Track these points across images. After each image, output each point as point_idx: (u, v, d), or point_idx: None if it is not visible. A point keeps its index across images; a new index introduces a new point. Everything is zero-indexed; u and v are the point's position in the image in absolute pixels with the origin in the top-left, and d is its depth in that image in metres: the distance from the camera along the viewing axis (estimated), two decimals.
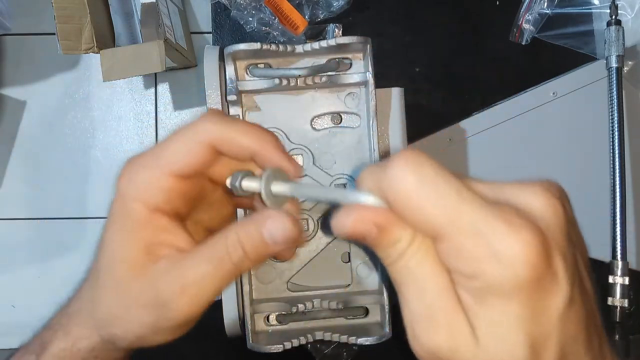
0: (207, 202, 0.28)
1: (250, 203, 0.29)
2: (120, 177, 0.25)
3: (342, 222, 0.20)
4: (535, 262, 0.17)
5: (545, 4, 0.60)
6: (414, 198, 0.18)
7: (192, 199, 0.27)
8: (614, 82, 0.56)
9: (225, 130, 0.25)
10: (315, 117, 0.47)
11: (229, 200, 0.29)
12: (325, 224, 0.47)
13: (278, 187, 0.25)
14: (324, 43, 0.43)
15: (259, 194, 0.25)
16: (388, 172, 0.19)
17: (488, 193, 0.19)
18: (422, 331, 0.19)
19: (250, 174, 0.26)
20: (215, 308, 0.26)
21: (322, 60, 0.45)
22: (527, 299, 0.18)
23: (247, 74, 0.45)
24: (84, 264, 0.29)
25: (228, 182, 0.26)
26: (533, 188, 0.20)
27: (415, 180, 0.18)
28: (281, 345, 0.42)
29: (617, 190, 0.54)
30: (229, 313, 0.44)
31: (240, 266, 0.24)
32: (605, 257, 0.56)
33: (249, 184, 0.25)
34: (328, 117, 0.47)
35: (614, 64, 0.56)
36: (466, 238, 0.18)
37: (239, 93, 0.45)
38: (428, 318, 0.19)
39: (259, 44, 0.42)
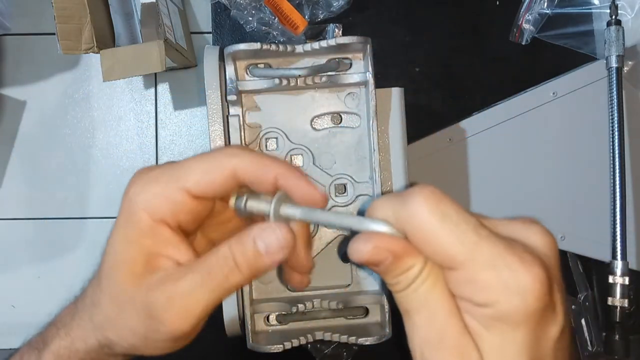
0: (217, 220, 0.28)
1: (262, 221, 0.29)
2: (130, 185, 0.25)
3: (360, 249, 0.21)
4: (542, 294, 0.19)
5: (545, 4, 0.60)
6: (436, 232, 0.20)
7: (202, 217, 0.27)
8: (614, 82, 0.56)
9: (253, 163, 0.25)
10: (315, 117, 0.47)
11: (242, 218, 0.29)
12: (340, 249, 0.47)
13: (288, 210, 0.25)
14: (324, 43, 0.43)
15: (266, 216, 0.25)
16: (409, 206, 0.20)
17: (498, 229, 0.21)
18: (432, 355, 0.20)
19: (255, 196, 0.26)
20: (215, 308, 0.26)
21: (322, 60, 0.45)
22: (533, 327, 0.19)
23: (247, 74, 0.45)
24: (84, 264, 0.29)
25: (232, 202, 0.26)
26: (535, 227, 0.21)
27: (438, 216, 0.20)
28: (281, 345, 0.42)
29: (617, 190, 0.54)
30: (229, 313, 0.44)
31: (231, 279, 0.24)
32: (605, 257, 0.56)
33: (254, 205, 0.25)
34: (328, 117, 0.47)
35: (614, 64, 0.56)
36: (483, 270, 0.19)
37: (239, 93, 0.45)
38: (439, 342, 0.20)
39: (259, 44, 0.42)
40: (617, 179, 0.54)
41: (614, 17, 0.56)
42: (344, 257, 0.46)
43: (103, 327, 0.26)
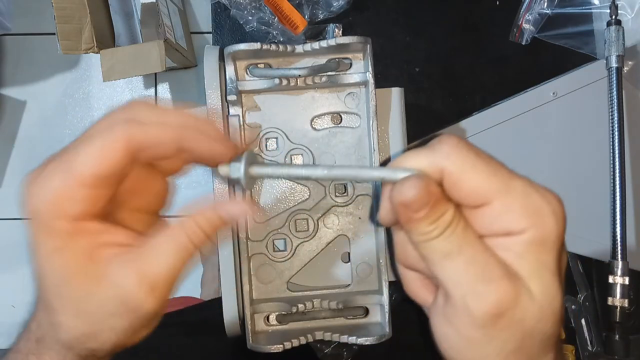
0: (139, 189, 0.26)
1: (177, 169, 0.28)
2: (26, 195, 0.23)
3: (407, 191, 0.21)
4: (565, 219, 0.22)
5: (545, 4, 0.60)
6: (475, 167, 0.21)
7: (117, 196, 0.25)
8: (614, 82, 0.56)
9: (141, 132, 0.23)
10: (315, 117, 0.47)
11: (157, 176, 0.27)
12: (372, 216, 0.46)
13: (319, 171, 0.25)
14: (324, 43, 0.43)
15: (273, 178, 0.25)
16: (444, 149, 0.22)
17: None
18: (484, 293, 0.21)
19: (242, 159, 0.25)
20: (215, 308, 0.26)
21: (322, 60, 0.45)
22: (560, 249, 0.22)
23: (247, 74, 0.45)
24: None
25: (226, 171, 0.25)
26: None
27: (473, 154, 0.22)
28: (281, 345, 0.42)
29: (617, 190, 0.54)
30: (229, 313, 0.44)
31: (200, 247, 0.24)
32: (605, 257, 0.56)
33: (260, 171, 0.25)
34: (328, 117, 0.47)
35: (614, 64, 0.56)
36: (520, 198, 0.21)
37: (239, 93, 0.45)
38: (485, 276, 0.21)
39: (259, 44, 0.42)
40: (617, 179, 0.54)
41: (614, 17, 0.56)
42: (377, 223, 0.45)
43: (79, 343, 0.25)
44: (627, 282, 0.53)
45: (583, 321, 0.58)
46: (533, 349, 0.22)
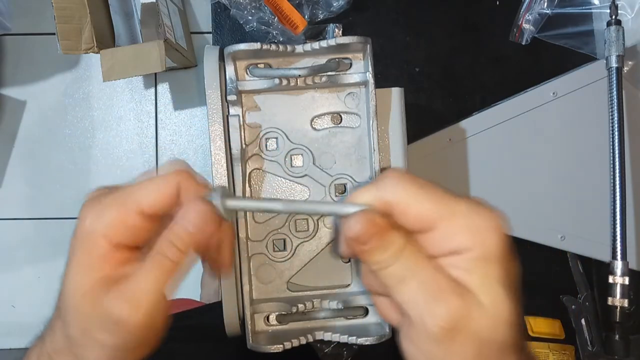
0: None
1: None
2: (85, 213, 0.26)
3: (354, 225, 0.24)
4: (507, 234, 0.24)
5: (545, 4, 0.60)
6: (418, 197, 0.24)
7: (153, 233, 0.28)
8: (614, 82, 0.56)
9: (188, 173, 0.27)
10: (315, 117, 0.47)
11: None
12: (334, 247, 0.47)
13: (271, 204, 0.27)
14: (324, 43, 0.43)
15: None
16: (389, 183, 0.24)
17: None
18: (437, 310, 0.23)
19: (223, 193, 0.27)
20: (215, 308, 0.26)
21: (322, 60, 0.45)
22: (506, 262, 0.24)
23: (247, 74, 0.45)
24: None
25: (216, 202, 0.27)
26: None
27: (417, 185, 0.24)
28: (281, 345, 0.42)
29: (617, 190, 0.54)
30: (229, 313, 0.44)
31: (178, 262, 0.27)
32: (605, 257, 0.56)
33: (238, 204, 0.28)
34: (328, 117, 0.47)
35: (614, 64, 0.56)
36: (464, 220, 0.23)
37: (239, 93, 0.45)
38: (438, 294, 0.23)
39: (258, 44, 0.42)
40: (617, 179, 0.55)
41: (614, 17, 0.56)
42: (337, 254, 0.47)
43: (80, 352, 0.27)
44: (627, 282, 0.53)
45: (583, 321, 0.58)
46: (491, 355, 0.24)
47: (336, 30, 0.61)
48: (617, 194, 0.54)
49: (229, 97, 0.44)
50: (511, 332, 0.24)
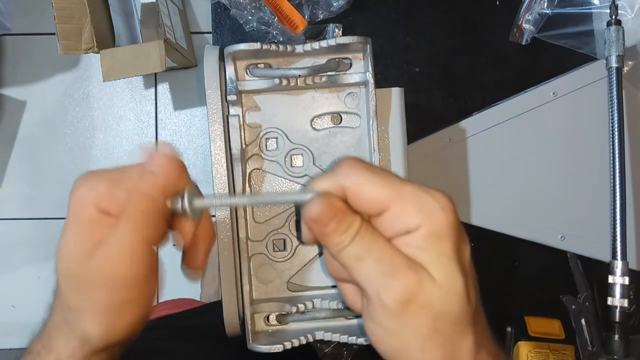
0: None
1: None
2: (78, 184, 0.28)
3: (315, 208, 0.25)
4: (456, 212, 0.25)
5: (545, 4, 0.60)
6: (370, 181, 0.25)
7: None
8: (614, 82, 0.56)
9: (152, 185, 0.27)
10: (315, 117, 0.47)
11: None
12: (298, 235, 0.47)
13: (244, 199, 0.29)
14: (324, 43, 0.42)
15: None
16: (344, 170, 0.26)
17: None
18: (392, 285, 0.24)
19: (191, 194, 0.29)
20: (215, 308, 0.26)
21: (322, 60, 0.45)
22: (456, 239, 0.25)
23: (247, 74, 0.45)
24: None
25: (169, 204, 0.28)
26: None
27: (368, 170, 0.26)
28: (281, 345, 0.42)
29: (617, 190, 0.54)
30: (229, 313, 0.44)
31: (150, 211, 0.27)
32: (605, 257, 0.56)
33: (205, 203, 0.29)
34: (328, 117, 0.47)
35: (614, 64, 0.56)
36: (412, 201, 0.25)
37: (239, 93, 0.45)
38: (393, 270, 0.25)
39: (259, 44, 0.42)
40: (617, 179, 0.54)
41: (614, 17, 0.56)
42: (302, 242, 0.47)
43: (76, 320, 0.28)
44: (627, 282, 0.53)
45: (583, 321, 0.58)
46: (447, 331, 0.25)
47: (336, 30, 0.61)
48: (617, 194, 0.54)
49: (229, 97, 0.44)
50: (465, 306, 0.25)
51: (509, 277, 0.61)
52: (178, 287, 1.28)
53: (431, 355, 0.25)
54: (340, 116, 0.47)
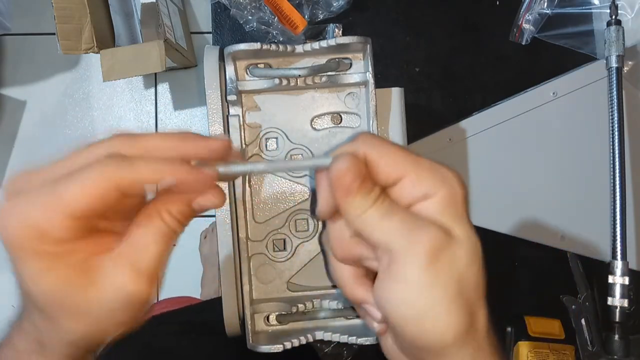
0: (118, 208, 0.26)
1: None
2: (5, 224, 0.23)
3: (342, 165, 0.25)
4: (464, 186, 0.26)
5: (545, 4, 0.60)
6: (388, 151, 0.26)
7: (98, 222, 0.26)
8: (614, 82, 0.56)
9: (131, 173, 0.24)
10: (315, 117, 0.47)
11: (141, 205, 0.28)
12: (311, 210, 0.47)
13: (259, 166, 0.28)
14: (324, 43, 0.42)
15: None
16: (363, 142, 0.26)
17: None
18: (421, 237, 0.25)
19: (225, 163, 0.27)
20: (215, 308, 0.26)
21: (322, 60, 0.45)
22: (467, 209, 0.26)
23: (247, 74, 0.45)
24: None
25: (220, 169, 0.26)
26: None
27: (385, 142, 0.27)
28: (281, 345, 0.42)
29: (617, 190, 0.54)
30: (229, 313, 0.44)
31: (175, 231, 0.26)
32: (605, 257, 0.56)
33: (235, 169, 0.27)
34: (328, 117, 0.47)
35: (614, 64, 0.56)
36: (430, 168, 0.26)
37: (239, 93, 0.45)
38: (419, 226, 0.25)
39: (258, 44, 0.42)
40: (617, 179, 0.54)
41: (614, 17, 0.56)
42: (317, 218, 0.46)
43: (87, 340, 0.26)
44: (627, 282, 0.53)
45: (583, 321, 0.58)
46: (470, 294, 0.25)
47: (336, 30, 0.61)
48: (617, 194, 0.54)
49: (229, 97, 0.44)
50: (481, 272, 0.26)
51: (509, 277, 0.61)
52: (178, 285, 1.28)
53: (456, 319, 0.25)
54: (340, 116, 0.47)
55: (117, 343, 0.28)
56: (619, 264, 0.53)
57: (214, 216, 0.43)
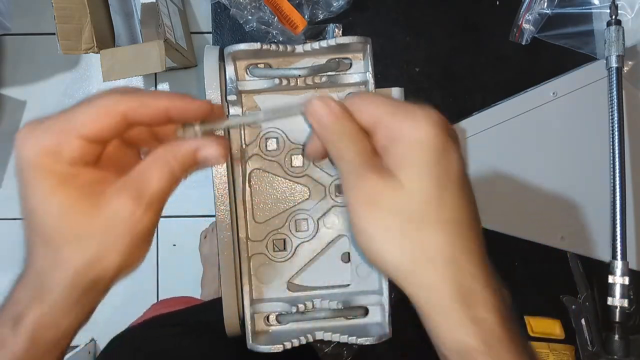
0: (117, 160, 0.29)
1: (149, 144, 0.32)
2: (23, 143, 0.26)
3: (322, 102, 0.28)
4: (443, 123, 0.27)
5: (545, 4, 0.60)
6: (373, 100, 0.28)
7: (99, 154, 0.28)
8: (614, 82, 0.56)
9: (136, 99, 0.26)
10: None
11: (133, 151, 0.31)
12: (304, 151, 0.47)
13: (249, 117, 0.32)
14: (324, 43, 0.43)
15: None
16: (353, 96, 0.29)
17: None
18: (358, 187, 0.27)
19: (201, 124, 0.30)
20: (215, 308, 0.26)
21: (322, 60, 0.45)
22: (439, 150, 0.26)
23: (247, 74, 0.45)
24: None
25: (180, 133, 0.29)
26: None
27: (372, 94, 0.29)
28: (281, 345, 0.42)
29: (617, 190, 0.54)
30: (229, 313, 0.44)
31: (179, 175, 0.28)
32: (605, 257, 0.56)
33: (209, 127, 0.30)
34: None
35: (614, 64, 0.56)
36: (403, 112, 0.27)
37: (239, 93, 0.45)
38: (361, 171, 0.27)
39: (258, 44, 0.42)
40: (617, 179, 0.55)
41: (614, 17, 0.56)
42: (306, 156, 0.47)
43: (85, 271, 0.26)
44: (627, 282, 0.53)
45: (583, 321, 0.58)
46: (411, 228, 0.27)
47: (336, 30, 0.61)
48: (617, 194, 0.54)
49: (229, 97, 0.44)
50: (431, 209, 0.27)
51: (509, 277, 0.61)
52: (178, 285, 1.28)
53: (393, 246, 0.27)
54: None
55: (117, 343, 0.28)
56: (619, 264, 0.53)
57: (214, 216, 0.43)
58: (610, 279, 0.53)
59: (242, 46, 0.42)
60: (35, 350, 0.27)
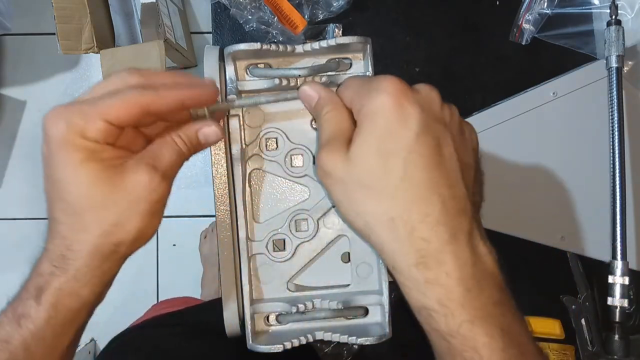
0: (129, 145, 0.33)
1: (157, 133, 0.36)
2: (53, 121, 0.29)
3: (311, 89, 0.35)
4: (392, 97, 0.28)
5: (545, 4, 0.60)
6: (349, 83, 0.33)
7: (118, 142, 0.32)
8: (614, 82, 0.56)
9: (156, 95, 0.30)
10: None
11: (141, 136, 0.35)
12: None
13: (247, 100, 0.38)
14: (324, 43, 0.42)
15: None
16: (344, 82, 0.34)
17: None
18: (318, 159, 0.31)
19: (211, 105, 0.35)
20: (215, 309, 0.26)
21: (322, 60, 0.45)
22: (388, 120, 0.28)
23: (247, 74, 0.45)
24: None
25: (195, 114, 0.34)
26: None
27: (355, 78, 0.34)
28: (281, 345, 0.42)
29: (617, 190, 0.54)
30: (229, 313, 0.44)
31: (185, 155, 0.33)
32: (605, 257, 0.56)
33: (218, 108, 0.36)
34: None
35: (614, 64, 0.56)
36: (367, 87, 0.30)
37: (239, 93, 0.45)
38: (322, 147, 0.32)
39: (259, 44, 0.42)
40: (617, 179, 0.55)
41: (614, 17, 0.56)
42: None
43: (109, 235, 0.30)
44: (627, 282, 0.53)
45: (583, 321, 0.58)
46: (356, 194, 0.30)
47: (336, 30, 0.61)
48: (617, 194, 0.54)
49: (229, 97, 0.44)
50: (372, 176, 0.29)
51: (509, 277, 0.61)
52: (178, 285, 1.28)
53: (348, 213, 0.31)
54: None
55: (117, 343, 0.29)
56: (619, 264, 0.53)
57: (214, 216, 0.43)
58: (610, 279, 0.53)
59: (242, 46, 0.42)
60: (55, 320, 0.30)
